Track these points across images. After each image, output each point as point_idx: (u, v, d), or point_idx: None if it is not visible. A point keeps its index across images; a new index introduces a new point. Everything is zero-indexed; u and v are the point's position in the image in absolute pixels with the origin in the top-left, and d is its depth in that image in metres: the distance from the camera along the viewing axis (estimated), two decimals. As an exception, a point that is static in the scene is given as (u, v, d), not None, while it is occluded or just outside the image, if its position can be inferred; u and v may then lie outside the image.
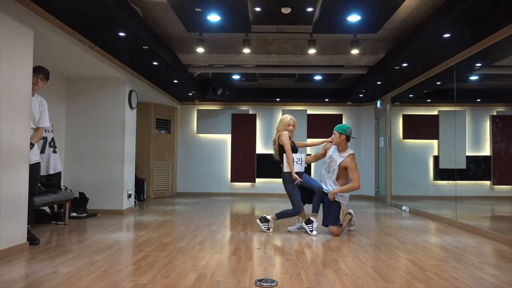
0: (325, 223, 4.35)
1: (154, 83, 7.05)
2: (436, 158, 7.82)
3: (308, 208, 4.44)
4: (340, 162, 4.34)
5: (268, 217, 4.45)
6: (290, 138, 4.42)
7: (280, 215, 4.42)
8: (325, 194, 4.37)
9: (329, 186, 4.41)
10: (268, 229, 4.42)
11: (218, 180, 9.11)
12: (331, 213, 4.30)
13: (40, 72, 3.71)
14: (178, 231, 4.47)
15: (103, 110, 5.89)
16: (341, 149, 4.44)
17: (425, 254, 3.43)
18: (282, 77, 7.87)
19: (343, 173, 4.37)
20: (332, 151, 4.52)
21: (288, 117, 4.51)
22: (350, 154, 4.36)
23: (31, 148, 3.61)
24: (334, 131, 4.49)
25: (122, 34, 4.38)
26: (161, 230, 4.46)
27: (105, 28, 4.24)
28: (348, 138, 4.45)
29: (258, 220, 4.49)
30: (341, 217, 4.32)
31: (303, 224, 4.37)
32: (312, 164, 8.43)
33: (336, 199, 4.32)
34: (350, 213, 4.59)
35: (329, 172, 4.45)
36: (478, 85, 7.17)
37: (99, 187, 5.80)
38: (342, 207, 4.35)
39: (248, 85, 8.53)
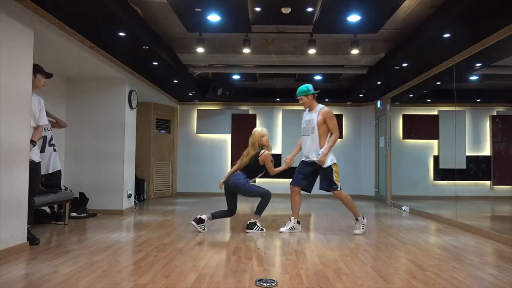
0: (321, 187, 4.39)
1: (154, 83, 7.04)
2: (436, 158, 7.82)
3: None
4: (318, 118, 4.35)
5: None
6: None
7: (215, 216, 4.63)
8: (317, 164, 4.30)
9: (314, 153, 4.33)
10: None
11: (218, 180, 8.87)
12: (325, 177, 4.31)
13: (43, 73, 3.73)
14: (178, 231, 4.46)
15: (103, 110, 5.89)
16: (312, 109, 4.50)
17: (425, 254, 3.43)
18: (282, 77, 7.87)
19: (323, 132, 4.33)
20: (304, 116, 4.57)
21: (259, 129, 4.82)
22: (323, 107, 4.43)
23: (33, 145, 3.61)
24: (300, 97, 4.55)
25: (122, 34, 4.37)
26: (161, 230, 4.47)
27: (105, 28, 4.24)
28: (314, 95, 4.53)
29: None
30: (335, 179, 4.27)
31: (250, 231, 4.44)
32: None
33: (327, 165, 4.26)
34: (362, 218, 4.44)
35: (309, 134, 4.38)
36: (478, 85, 7.18)
37: (99, 187, 5.79)
38: (334, 168, 4.29)
39: (248, 85, 8.53)
